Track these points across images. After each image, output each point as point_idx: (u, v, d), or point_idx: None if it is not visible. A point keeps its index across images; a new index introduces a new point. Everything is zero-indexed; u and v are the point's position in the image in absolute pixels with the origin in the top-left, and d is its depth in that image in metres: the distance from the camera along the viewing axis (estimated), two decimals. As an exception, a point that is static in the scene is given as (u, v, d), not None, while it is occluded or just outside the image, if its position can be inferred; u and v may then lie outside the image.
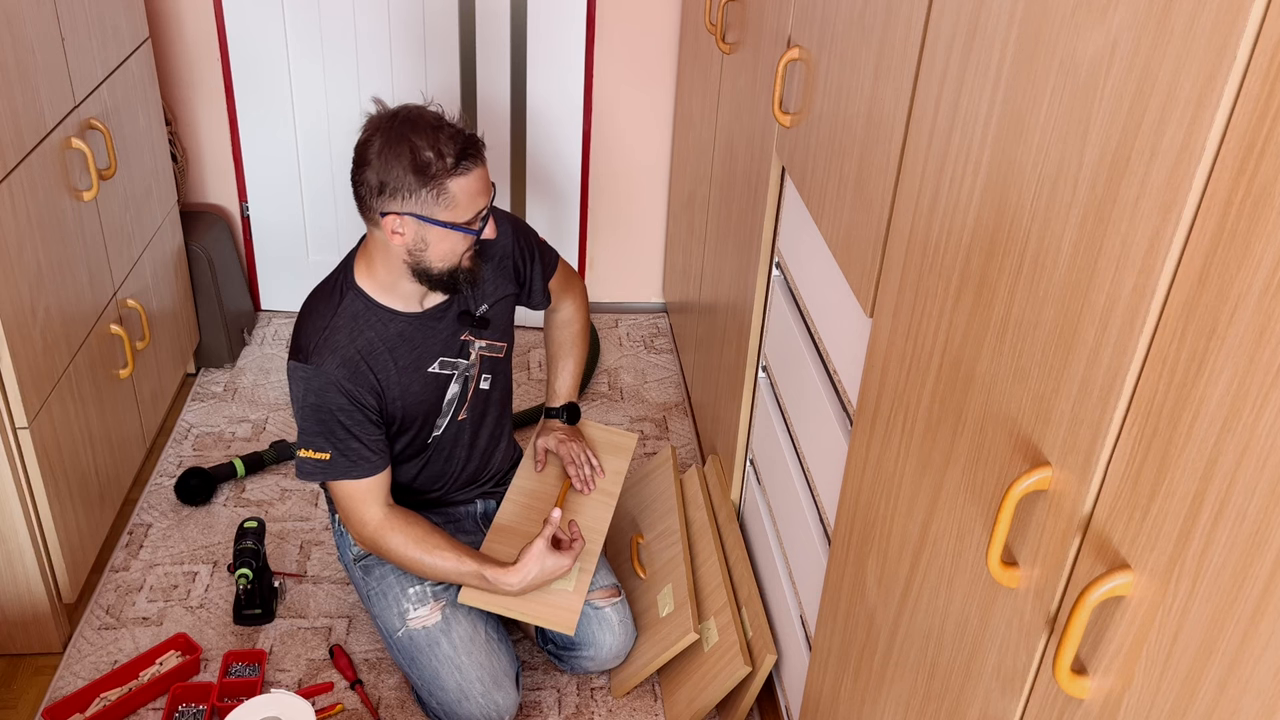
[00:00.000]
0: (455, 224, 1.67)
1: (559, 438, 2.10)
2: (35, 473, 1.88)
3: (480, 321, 1.89)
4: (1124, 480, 0.75)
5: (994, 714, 0.95)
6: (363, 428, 1.78)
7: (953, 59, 1.03)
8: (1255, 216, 0.62)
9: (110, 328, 2.20)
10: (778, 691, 1.88)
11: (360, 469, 1.79)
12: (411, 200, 1.65)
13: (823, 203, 1.47)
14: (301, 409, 1.77)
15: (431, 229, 1.67)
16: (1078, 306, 0.80)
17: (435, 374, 1.87)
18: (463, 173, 1.65)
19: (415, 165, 1.62)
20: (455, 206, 1.66)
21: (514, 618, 1.83)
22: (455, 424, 1.95)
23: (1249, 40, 0.62)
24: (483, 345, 1.92)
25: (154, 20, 2.70)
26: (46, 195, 1.91)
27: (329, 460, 1.78)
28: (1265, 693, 0.62)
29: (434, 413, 1.91)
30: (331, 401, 1.75)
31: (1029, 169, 0.88)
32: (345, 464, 1.78)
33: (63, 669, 2.00)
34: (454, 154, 1.64)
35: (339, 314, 1.78)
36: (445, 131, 1.65)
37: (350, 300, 1.79)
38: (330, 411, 1.76)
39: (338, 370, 1.75)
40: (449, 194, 1.65)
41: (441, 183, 1.64)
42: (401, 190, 1.64)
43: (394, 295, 1.79)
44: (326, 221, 2.98)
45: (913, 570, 1.16)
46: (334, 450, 1.77)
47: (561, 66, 2.83)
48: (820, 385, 1.60)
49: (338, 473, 1.79)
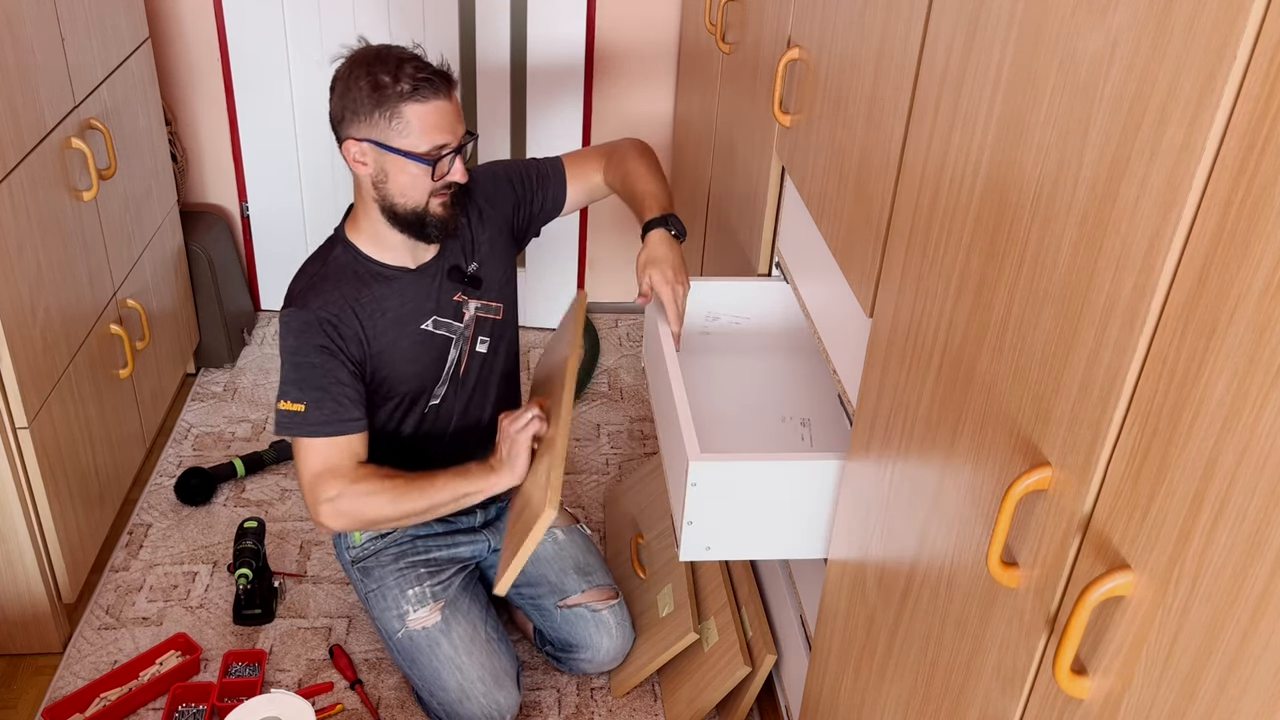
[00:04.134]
0: (409, 153, 1.64)
1: (665, 273, 1.73)
2: (35, 473, 1.88)
3: (471, 280, 1.86)
4: (1124, 480, 0.75)
5: (994, 714, 0.95)
6: (339, 374, 1.71)
7: (953, 59, 1.03)
8: (1255, 216, 0.62)
9: (110, 328, 2.20)
10: (778, 691, 1.88)
11: (333, 426, 1.70)
12: (368, 124, 1.64)
13: (823, 203, 1.47)
14: (284, 358, 1.73)
15: (388, 157, 1.65)
16: (1078, 306, 0.80)
17: (430, 333, 1.83)
18: (419, 100, 1.62)
19: (373, 86, 1.62)
20: (409, 133, 1.64)
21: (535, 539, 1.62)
22: (455, 392, 1.90)
23: (1249, 40, 0.62)
24: (478, 305, 1.88)
25: (154, 20, 2.69)
26: (46, 195, 1.91)
27: (303, 412, 1.69)
28: (1265, 693, 0.62)
29: (430, 378, 1.86)
30: (311, 340, 1.70)
31: (1029, 169, 0.88)
32: (318, 416, 1.70)
33: (63, 669, 2.00)
34: (412, 80, 1.62)
35: (329, 264, 1.77)
36: (412, 63, 1.64)
37: (340, 252, 1.78)
38: (307, 354, 1.70)
39: (322, 310, 1.71)
40: (402, 118, 1.63)
41: (395, 106, 1.62)
42: (360, 114, 1.64)
43: (383, 248, 1.77)
44: (326, 221, 2.96)
45: (913, 570, 1.16)
46: (308, 400, 1.69)
47: (562, 66, 2.83)
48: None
49: (310, 426, 1.69)
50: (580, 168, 1.98)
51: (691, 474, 1.42)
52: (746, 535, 1.51)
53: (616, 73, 2.88)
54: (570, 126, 2.91)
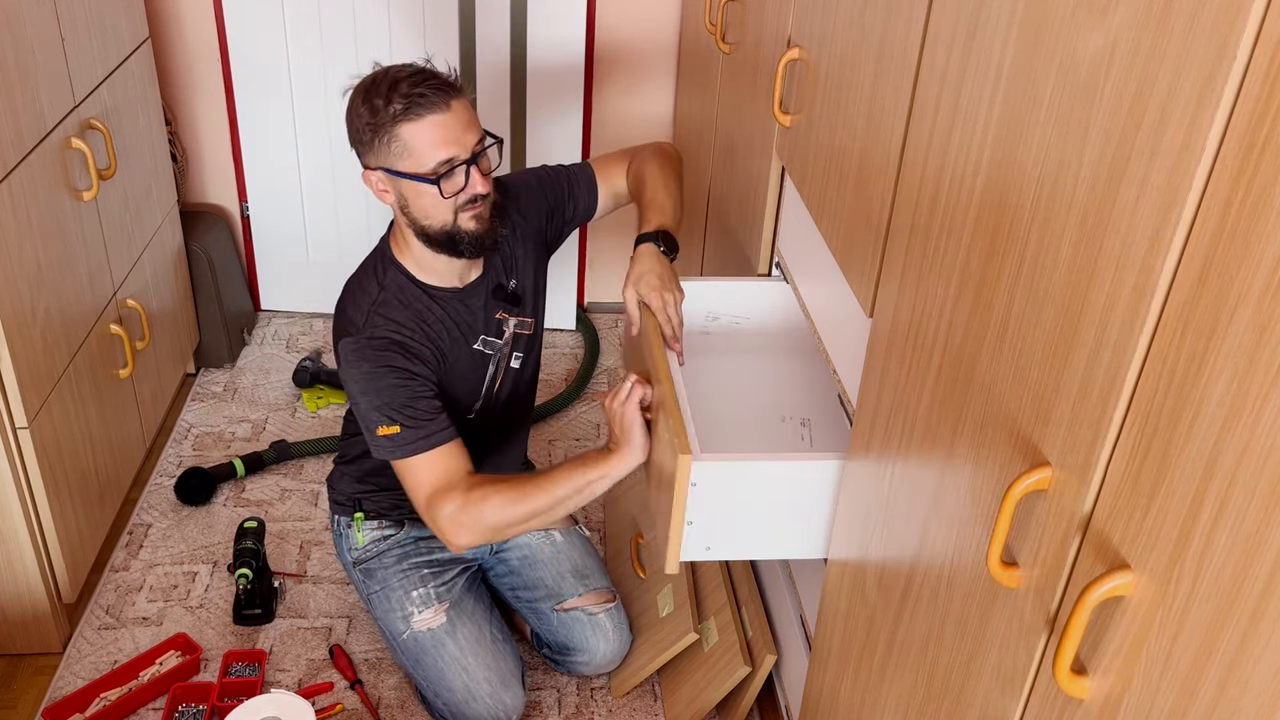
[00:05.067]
0: (415, 175, 1.60)
1: (650, 282, 1.68)
2: (35, 473, 1.88)
3: (512, 297, 1.84)
4: (1124, 480, 0.75)
5: (994, 714, 0.95)
6: (420, 389, 1.67)
7: (953, 59, 1.03)
8: (1255, 216, 0.62)
9: (110, 328, 2.20)
10: (778, 691, 1.88)
11: (434, 438, 1.65)
12: (373, 152, 1.61)
13: (823, 203, 1.47)
14: (362, 388, 1.66)
15: (401, 183, 1.62)
16: (1078, 306, 0.80)
17: (480, 353, 1.81)
18: (411, 119, 1.57)
19: (370, 113, 1.59)
20: (409, 155, 1.59)
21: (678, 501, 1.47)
22: (489, 408, 1.88)
23: (1249, 40, 0.62)
24: (516, 322, 1.86)
25: (154, 20, 2.69)
26: (46, 195, 1.91)
27: (399, 434, 1.64)
28: (1265, 693, 0.62)
29: (474, 396, 1.85)
30: (386, 361, 1.65)
31: (1029, 169, 0.88)
32: (415, 434, 1.65)
33: (63, 669, 2.00)
34: (404, 100, 1.56)
35: (385, 288, 1.72)
36: (408, 80, 1.58)
37: (393, 275, 1.74)
38: (384, 376, 1.65)
39: (396, 333, 1.67)
40: (400, 140, 1.58)
41: (390, 130, 1.58)
42: (364, 144, 1.62)
43: (430, 271, 1.74)
44: (326, 222, 2.98)
45: (912, 570, 1.16)
46: (401, 420, 1.64)
47: (562, 67, 2.83)
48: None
49: (411, 445, 1.65)
50: (608, 172, 1.95)
51: (692, 474, 1.42)
52: (746, 535, 1.50)
53: (617, 73, 2.88)
54: (570, 127, 2.91)
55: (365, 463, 1.91)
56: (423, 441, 1.65)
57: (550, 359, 2.99)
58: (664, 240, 1.75)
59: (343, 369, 1.70)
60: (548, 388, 2.87)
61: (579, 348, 3.05)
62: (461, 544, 1.65)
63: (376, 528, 1.96)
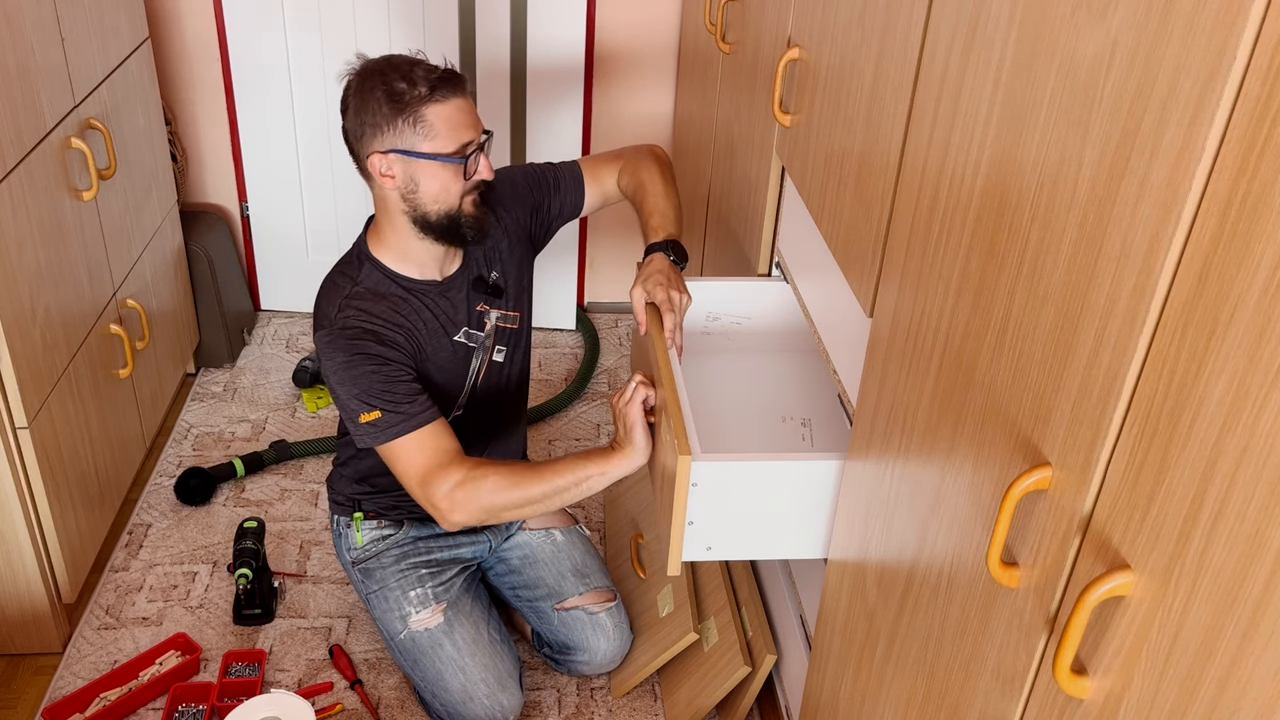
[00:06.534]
0: (438, 154, 1.62)
1: (658, 281, 1.71)
2: (35, 473, 1.88)
3: (494, 289, 1.85)
4: (1124, 480, 0.75)
5: (994, 714, 0.95)
6: (398, 373, 1.67)
7: (953, 59, 1.03)
8: (1255, 217, 0.62)
9: (110, 328, 2.20)
10: (778, 691, 1.88)
11: (416, 419, 1.65)
12: (391, 134, 1.62)
13: (823, 203, 1.47)
14: (339, 378, 1.67)
15: (418, 164, 1.63)
16: (1078, 306, 0.80)
17: (460, 344, 1.82)
18: (439, 100, 1.61)
19: (390, 96, 1.60)
20: (435, 136, 1.62)
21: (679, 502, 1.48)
22: (473, 404, 1.89)
23: (1249, 40, 0.62)
24: (498, 315, 1.87)
25: (154, 20, 2.69)
26: (46, 195, 1.91)
27: (381, 419, 1.65)
28: (1265, 693, 0.62)
29: (457, 390, 1.85)
30: (360, 349, 1.66)
31: (1029, 169, 0.88)
32: (397, 416, 1.65)
33: (62, 669, 2.01)
34: (428, 82, 1.60)
35: (359, 282, 1.74)
36: (421, 66, 1.63)
37: (369, 270, 1.75)
38: (360, 364, 1.66)
39: (367, 322, 1.68)
40: (426, 122, 1.61)
41: (417, 110, 1.60)
42: (381, 125, 1.62)
43: (410, 263, 1.75)
44: (326, 222, 2.98)
45: (912, 570, 1.16)
46: (381, 405, 1.65)
47: (562, 67, 2.83)
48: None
49: (395, 429, 1.65)
50: (596, 171, 1.96)
51: (692, 474, 1.42)
52: (747, 535, 1.50)
53: (617, 73, 2.88)
54: (570, 127, 2.91)
55: (362, 463, 1.92)
56: (405, 424, 1.65)
57: (550, 359, 2.99)
58: (674, 250, 1.78)
59: (322, 363, 1.72)
60: (548, 388, 2.87)
61: (579, 348, 3.05)
62: (456, 521, 1.65)
63: (376, 528, 1.96)
